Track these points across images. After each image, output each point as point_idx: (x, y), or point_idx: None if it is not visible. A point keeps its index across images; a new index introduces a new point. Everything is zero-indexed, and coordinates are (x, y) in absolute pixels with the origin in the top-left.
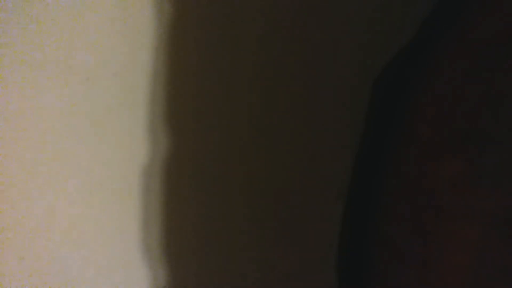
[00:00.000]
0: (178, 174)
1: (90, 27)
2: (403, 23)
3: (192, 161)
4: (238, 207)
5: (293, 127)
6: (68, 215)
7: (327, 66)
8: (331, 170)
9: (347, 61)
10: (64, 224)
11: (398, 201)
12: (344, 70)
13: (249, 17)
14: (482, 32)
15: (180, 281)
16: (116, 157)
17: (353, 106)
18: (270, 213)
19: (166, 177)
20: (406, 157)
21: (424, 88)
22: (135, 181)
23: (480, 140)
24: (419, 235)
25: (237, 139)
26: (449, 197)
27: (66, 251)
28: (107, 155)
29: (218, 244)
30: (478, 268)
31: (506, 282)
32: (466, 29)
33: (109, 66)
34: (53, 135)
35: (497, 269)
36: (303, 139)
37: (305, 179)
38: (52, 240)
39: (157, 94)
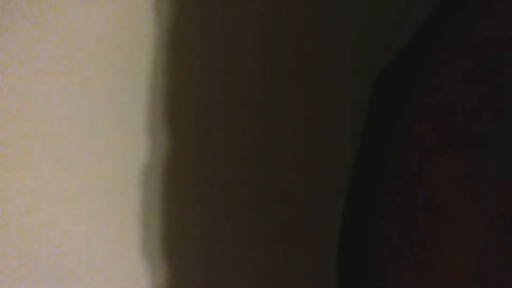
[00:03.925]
0: (178, 174)
1: (90, 27)
2: (403, 23)
3: (192, 161)
4: (237, 207)
5: (293, 127)
6: (68, 215)
7: (327, 66)
8: (331, 170)
9: (347, 61)
10: (64, 224)
11: (398, 201)
12: (344, 70)
13: (248, 17)
14: (483, 32)
15: (180, 281)
16: (116, 157)
17: (353, 106)
18: (270, 213)
19: (166, 177)
20: (406, 157)
21: (424, 88)
22: (135, 181)
23: (480, 140)
24: (418, 235)
25: (237, 139)
26: (449, 197)
27: (66, 251)
28: (107, 155)
29: (218, 244)
30: (478, 268)
31: (506, 282)
32: (467, 30)
33: (109, 66)
34: (52, 135)
35: (497, 269)
36: (303, 139)
37: (305, 179)
38: (52, 240)
39: (157, 94)
